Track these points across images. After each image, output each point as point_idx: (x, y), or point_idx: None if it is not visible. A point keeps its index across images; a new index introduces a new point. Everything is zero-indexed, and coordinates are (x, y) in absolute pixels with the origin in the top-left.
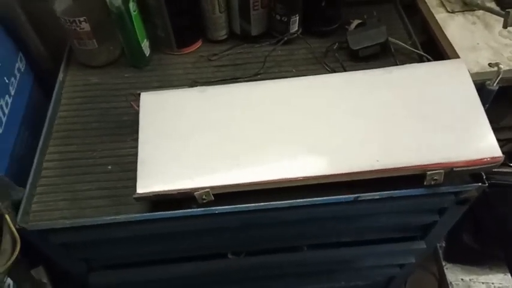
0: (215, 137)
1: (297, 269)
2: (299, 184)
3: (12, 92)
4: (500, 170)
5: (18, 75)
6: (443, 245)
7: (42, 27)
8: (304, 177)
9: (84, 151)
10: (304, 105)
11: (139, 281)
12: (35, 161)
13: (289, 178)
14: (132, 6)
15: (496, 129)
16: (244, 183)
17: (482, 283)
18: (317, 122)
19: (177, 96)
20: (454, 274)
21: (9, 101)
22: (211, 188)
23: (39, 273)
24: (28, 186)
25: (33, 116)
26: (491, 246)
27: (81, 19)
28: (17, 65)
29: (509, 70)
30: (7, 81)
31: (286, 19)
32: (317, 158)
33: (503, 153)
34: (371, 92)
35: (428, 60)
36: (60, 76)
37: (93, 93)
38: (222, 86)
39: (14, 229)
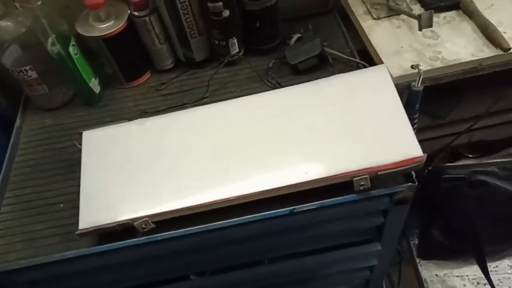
0: (151, 167)
1: (265, 282)
2: (234, 203)
3: None
4: (454, 164)
5: None
6: (416, 242)
7: None
8: (236, 196)
9: (38, 192)
10: (235, 126)
11: None
12: None
13: (222, 199)
14: (72, 50)
15: (443, 125)
16: (180, 208)
17: (457, 276)
18: (245, 141)
19: (117, 131)
20: (428, 270)
21: None
22: (149, 216)
23: None
24: None
25: None
26: (459, 240)
27: (27, 68)
28: None
29: (432, 69)
30: None
31: (224, 43)
32: (248, 176)
33: (454, 147)
34: (297, 106)
35: (364, 67)
36: (17, 122)
37: (48, 135)
38: (161, 116)
39: None
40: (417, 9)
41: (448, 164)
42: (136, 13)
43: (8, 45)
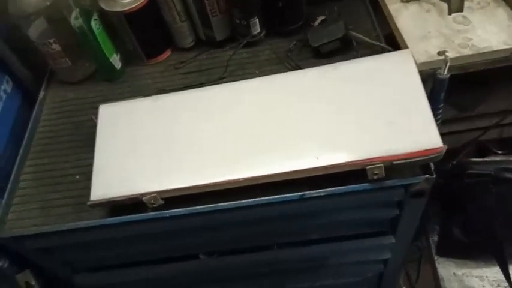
0: (163, 144)
1: (275, 267)
2: (243, 185)
3: None
4: (480, 159)
5: (4, 96)
6: (436, 239)
7: (24, 51)
8: (246, 178)
9: (57, 163)
10: (248, 106)
11: (120, 282)
12: (13, 174)
13: (232, 180)
14: (94, 24)
15: (471, 117)
16: (190, 186)
17: (476, 277)
18: (259, 122)
19: (132, 106)
20: (445, 269)
21: None
22: (158, 192)
23: (27, 276)
24: (5, 197)
25: (21, 132)
26: (479, 239)
27: (51, 41)
28: (2, 87)
29: (460, 57)
30: None
31: (245, 22)
32: (259, 158)
33: (481, 141)
34: (313, 88)
35: (389, 52)
36: (41, 94)
37: (70, 108)
38: (177, 93)
39: None
40: None
41: (474, 160)
42: None
43: (35, 18)
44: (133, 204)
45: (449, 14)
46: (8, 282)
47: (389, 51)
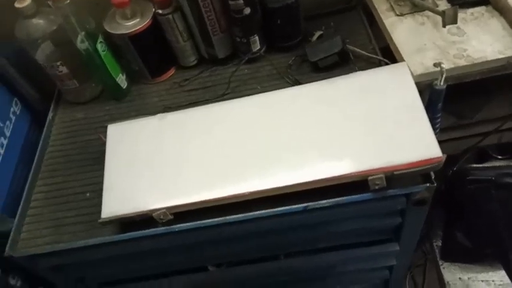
0: (172, 161)
1: (282, 277)
2: (249, 198)
3: (8, 134)
4: (481, 165)
5: (13, 118)
6: (439, 244)
7: (32, 73)
8: (251, 192)
9: (67, 181)
10: (252, 122)
11: None
12: (24, 194)
13: (238, 194)
14: (100, 47)
15: (470, 125)
16: (198, 201)
17: (482, 281)
18: (263, 137)
19: (140, 125)
20: (451, 273)
21: (5, 142)
22: (167, 208)
23: None
24: (17, 217)
25: (30, 152)
26: (483, 244)
27: (58, 63)
28: (12, 109)
29: (455, 68)
30: (1, 124)
31: (245, 40)
32: (264, 172)
33: (481, 147)
34: (314, 103)
35: (386, 65)
36: (50, 115)
37: (78, 127)
38: (182, 111)
39: None
40: (443, 5)
41: (474, 165)
42: (160, 11)
43: (41, 42)
44: (143, 220)
45: (444, 26)
46: None
47: (386, 63)
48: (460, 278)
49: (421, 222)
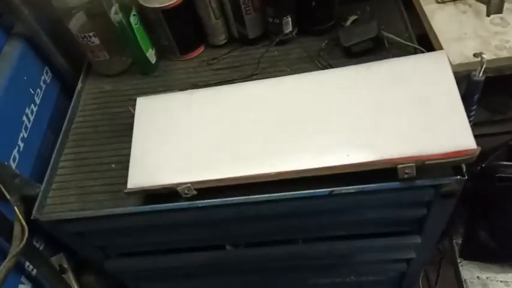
0: (200, 136)
1: (298, 261)
2: (274, 179)
3: (38, 101)
4: (511, 163)
5: (44, 86)
6: (460, 241)
7: (64, 43)
8: (277, 172)
9: (94, 151)
10: (280, 103)
11: (149, 269)
12: (52, 161)
13: (264, 174)
14: (133, 20)
15: (504, 121)
16: (223, 178)
17: (501, 281)
18: (291, 119)
19: (168, 99)
20: (469, 271)
21: (35, 109)
22: (192, 183)
23: (60, 259)
24: (44, 183)
25: (59, 121)
26: (507, 244)
27: (91, 34)
28: (42, 78)
29: (496, 59)
30: (32, 92)
31: (278, 21)
32: (291, 153)
33: None
34: (348, 88)
35: (422, 53)
36: (79, 85)
37: (106, 99)
38: (210, 88)
39: (22, 219)
40: None
41: (505, 163)
42: None
43: (76, 12)
44: (168, 193)
45: (488, 15)
46: (44, 264)
47: (422, 52)
48: (478, 277)
49: (447, 215)
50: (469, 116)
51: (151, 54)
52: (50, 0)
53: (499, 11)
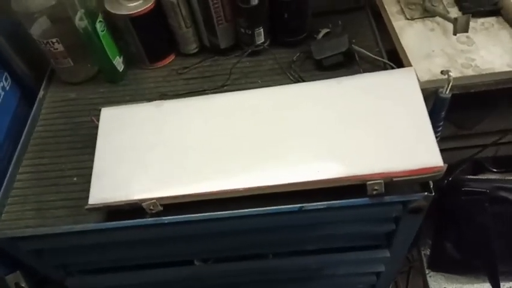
0: (165, 151)
1: (269, 276)
2: (243, 195)
3: None
4: (476, 177)
5: (2, 93)
6: (428, 252)
7: (25, 48)
8: (245, 188)
9: (55, 163)
10: (250, 117)
11: (115, 286)
12: (8, 173)
13: (231, 189)
14: (99, 26)
15: (469, 135)
16: (190, 194)
17: None
18: (260, 133)
19: (134, 111)
20: (437, 282)
21: None
22: (158, 199)
23: (17, 278)
24: (0, 196)
25: (18, 130)
26: (472, 256)
27: (54, 40)
28: (1, 84)
29: (463, 77)
30: None
31: (250, 32)
32: (259, 169)
33: (477, 159)
34: (318, 103)
35: (392, 68)
36: (41, 93)
37: (70, 108)
38: (179, 100)
39: None
40: (454, 12)
41: (470, 177)
42: None
43: (38, 16)
44: (131, 209)
45: (454, 34)
46: None
47: (391, 67)
48: None
49: (415, 230)
50: (436, 132)
51: (118, 62)
52: (9, 4)
53: (465, 30)
